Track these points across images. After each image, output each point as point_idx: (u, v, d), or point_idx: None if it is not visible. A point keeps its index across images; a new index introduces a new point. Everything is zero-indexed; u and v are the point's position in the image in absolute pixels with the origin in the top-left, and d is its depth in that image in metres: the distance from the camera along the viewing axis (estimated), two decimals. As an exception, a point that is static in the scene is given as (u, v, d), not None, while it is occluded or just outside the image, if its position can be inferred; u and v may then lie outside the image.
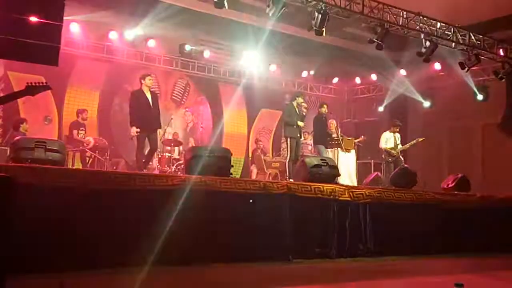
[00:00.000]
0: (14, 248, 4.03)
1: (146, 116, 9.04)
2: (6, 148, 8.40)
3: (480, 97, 13.48)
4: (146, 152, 9.22)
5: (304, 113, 10.38)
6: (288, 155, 10.02)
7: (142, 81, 9.26)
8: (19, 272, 4.23)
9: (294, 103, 10.33)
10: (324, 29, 9.71)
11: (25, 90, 5.44)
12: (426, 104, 14.73)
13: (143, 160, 9.08)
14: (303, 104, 10.42)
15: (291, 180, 9.31)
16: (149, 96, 9.18)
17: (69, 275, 4.52)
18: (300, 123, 10.15)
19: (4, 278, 3.41)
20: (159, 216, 5.50)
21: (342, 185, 7.33)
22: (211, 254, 5.71)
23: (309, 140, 13.75)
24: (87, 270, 4.82)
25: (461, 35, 11.65)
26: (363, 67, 15.46)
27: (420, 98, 14.64)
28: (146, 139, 9.05)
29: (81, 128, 10.96)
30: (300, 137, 10.48)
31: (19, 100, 10.96)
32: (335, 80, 16.56)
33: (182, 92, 14.19)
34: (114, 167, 11.33)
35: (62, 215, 4.91)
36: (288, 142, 10.09)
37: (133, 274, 4.94)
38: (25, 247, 4.54)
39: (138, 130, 8.90)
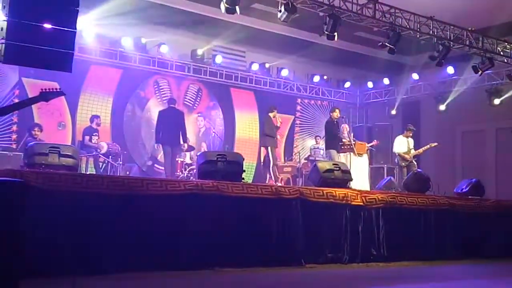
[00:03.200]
0: (27, 252, 4.06)
1: None
2: (20, 153, 8.48)
3: (494, 101, 13.38)
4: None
5: (278, 125, 11.44)
6: (272, 162, 11.05)
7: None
8: (32, 276, 4.27)
9: (271, 115, 11.14)
10: (336, 33, 9.70)
11: (39, 96, 5.50)
12: (440, 108, 14.61)
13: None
14: (277, 115, 11.40)
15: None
16: None
17: (82, 279, 4.54)
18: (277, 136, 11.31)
19: (18, 282, 3.44)
20: (171, 220, 5.53)
21: (354, 189, 7.28)
22: (223, 258, 5.71)
23: (321, 145, 13.74)
24: (99, 274, 4.84)
25: (474, 39, 11.58)
26: (375, 71, 15.44)
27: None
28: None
29: (94, 134, 11.03)
30: (276, 146, 11.61)
31: (34, 106, 11.07)
32: (347, 84, 16.51)
33: (194, 97, 14.24)
34: (127, 172, 11.39)
35: (75, 220, 4.95)
36: (269, 150, 11.06)
37: (146, 279, 4.97)
38: (38, 251, 4.57)
39: None
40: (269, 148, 11.03)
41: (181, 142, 10.95)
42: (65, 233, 4.86)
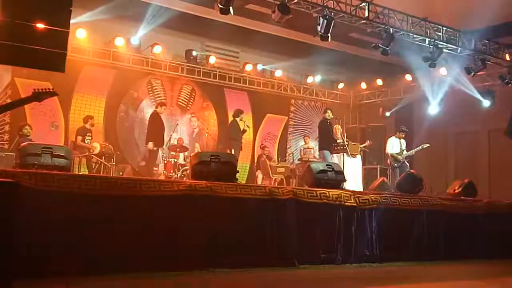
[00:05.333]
0: (20, 252, 4.05)
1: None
2: (13, 154, 8.44)
3: (486, 103, 13.42)
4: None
5: (245, 129, 11.96)
6: None
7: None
8: (25, 276, 4.25)
9: (238, 119, 11.45)
10: (329, 34, 9.72)
11: (32, 96, 5.48)
12: (432, 109, 14.64)
13: None
14: (243, 120, 11.90)
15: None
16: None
17: (75, 279, 4.53)
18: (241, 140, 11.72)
19: (11, 282, 3.43)
20: (164, 221, 5.51)
21: (348, 190, 7.29)
22: (216, 259, 5.70)
23: (311, 145, 13.79)
24: (92, 274, 4.82)
25: (467, 40, 11.63)
26: (369, 72, 15.47)
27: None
28: None
29: (87, 134, 10.99)
30: (241, 149, 12.06)
31: (26, 107, 11.02)
32: (341, 85, 16.55)
33: (187, 98, 14.22)
34: (120, 173, 11.35)
35: (68, 221, 4.93)
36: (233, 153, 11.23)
37: (139, 280, 4.96)
38: (31, 252, 4.55)
39: None
40: (232, 150, 11.27)
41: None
42: (58, 233, 4.84)
